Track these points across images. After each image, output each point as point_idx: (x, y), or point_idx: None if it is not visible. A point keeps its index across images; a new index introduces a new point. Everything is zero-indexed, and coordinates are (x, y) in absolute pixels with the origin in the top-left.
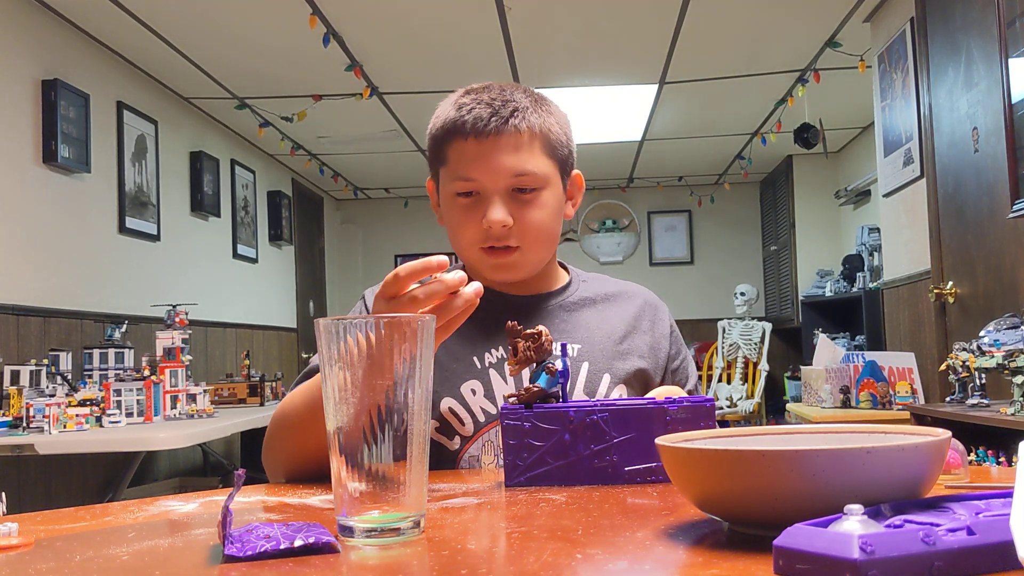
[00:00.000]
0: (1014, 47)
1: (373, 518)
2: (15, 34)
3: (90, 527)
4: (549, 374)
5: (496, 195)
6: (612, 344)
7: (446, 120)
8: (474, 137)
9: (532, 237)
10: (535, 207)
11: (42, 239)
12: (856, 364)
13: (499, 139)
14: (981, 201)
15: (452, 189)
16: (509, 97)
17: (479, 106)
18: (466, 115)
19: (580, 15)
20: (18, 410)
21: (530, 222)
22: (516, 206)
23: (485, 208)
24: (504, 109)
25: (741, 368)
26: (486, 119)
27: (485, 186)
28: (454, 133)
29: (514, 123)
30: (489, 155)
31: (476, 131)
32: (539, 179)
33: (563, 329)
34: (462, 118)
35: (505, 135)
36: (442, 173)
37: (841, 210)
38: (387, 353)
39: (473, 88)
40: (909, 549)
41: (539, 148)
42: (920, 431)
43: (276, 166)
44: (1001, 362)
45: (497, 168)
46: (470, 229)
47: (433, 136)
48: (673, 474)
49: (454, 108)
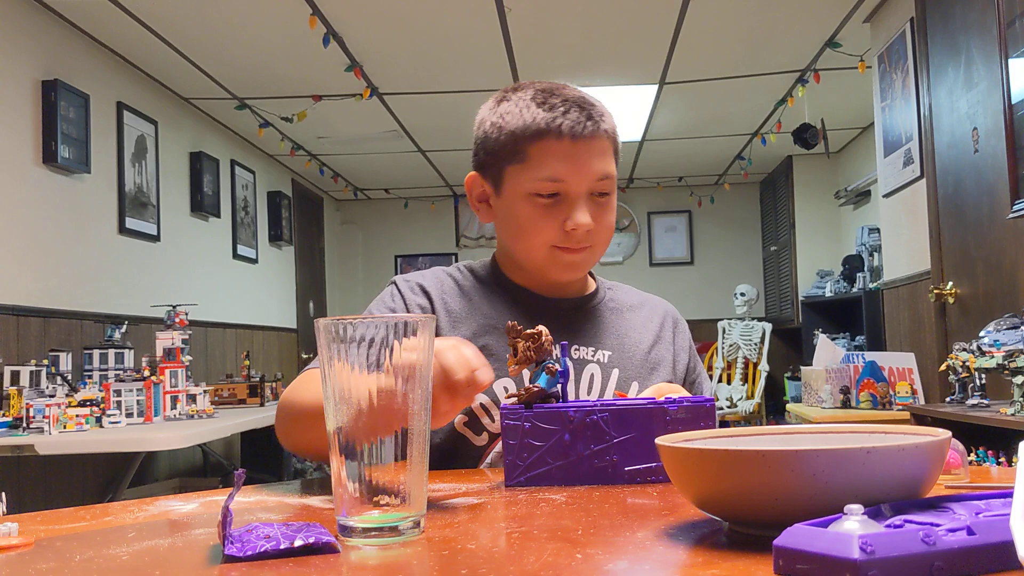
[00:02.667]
0: (1014, 47)
1: (373, 518)
2: (15, 34)
3: (90, 527)
4: (549, 374)
5: (581, 198)
6: (641, 353)
7: (535, 118)
8: (570, 139)
9: (603, 239)
10: (608, 210)
11: (42, 239)
12: (856, 364)
13: (592, 142)
14: (981, 201)
15: (531, 188)
16: (591, 100)
17: (572, 108)
18: (561, 116)
19: (580, 15)
20: (18, 410)
21: (605, 225)
22: (594, 209)
23: (568, 210)
24: (594, 112)
25: (741, 368)
26: (583, 122)
27: (572, 188)
28: (546, 133)
29: (603, 127)
30: (581, 157)
31: (573, 133)
32: (613, 183)
33: (594, 334)
34: (557, 119)
35: (596, 139)
36: (513, 171)
37: (841, 210)
38: (387, 353)
39: (545, 87)
40: (909, 549)
41: (612, 152)
42: (920, 431)
43: (276, 166)
44: (1001, 362)
45: (588, 171)
46: (547, 229)
47: (511, 132)
48: (673, 474)
49: (541, 107)
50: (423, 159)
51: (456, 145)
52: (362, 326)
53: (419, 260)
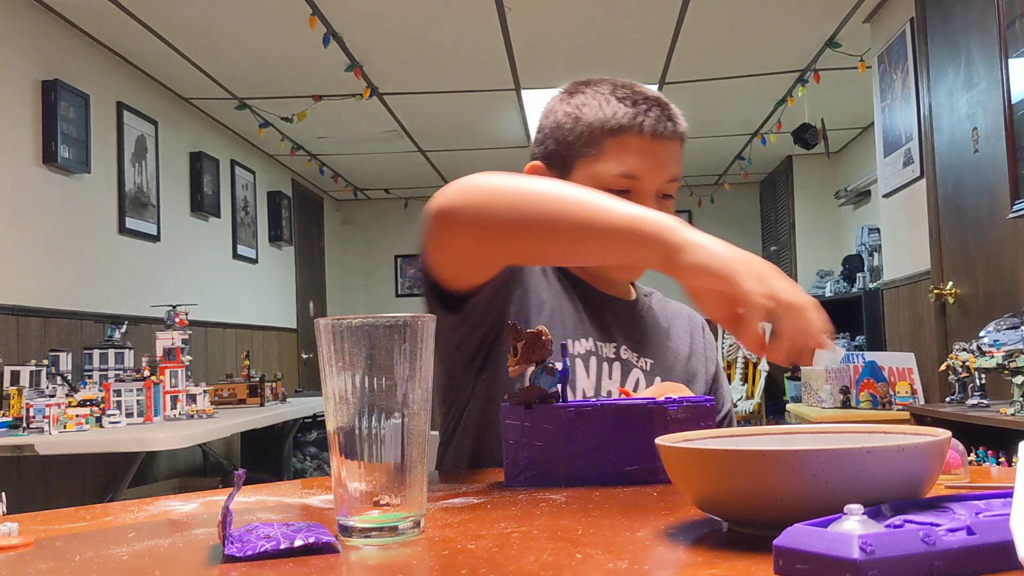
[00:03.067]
0: (1014, 47)
1: (373, 518)
2: (15, 34)
3: (90, 527)
4: (549, 374)
5: (651, 197)
6: (681, 365)
7: (616, 112)
8: (650, 137)
9: None
10: (670, 208)
11: (42, 239)
12: (856, 364)
13: (670, 143)
14: (981, 201)
15: (603, 183)
16: (667, 100)
17: (654, 106)
18: (643, 114)
19: (580, 15)
20: (18, 410)
21: None
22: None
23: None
24: (672, 112)
25: (741, 368)
26: (664, 121)
27: (644, 186)
28: (628, 128)
29: (680, 130)
30: (659, 156)
31: (654, 131)
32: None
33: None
34: (639, 116)
35: (673, 140)
36: (584, 163)
37: (841, 210)
38: (387, 353)
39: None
40: (909, 549)
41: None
42: (920, 431)
43: (276, 166)
44: (1001, 362)
45: (662, 170)
46: None
47: (590, 124)
48: (673, 474)
49: (622, 102)
50: (423, 159)
51: (456, 145)
52: (362, 326)
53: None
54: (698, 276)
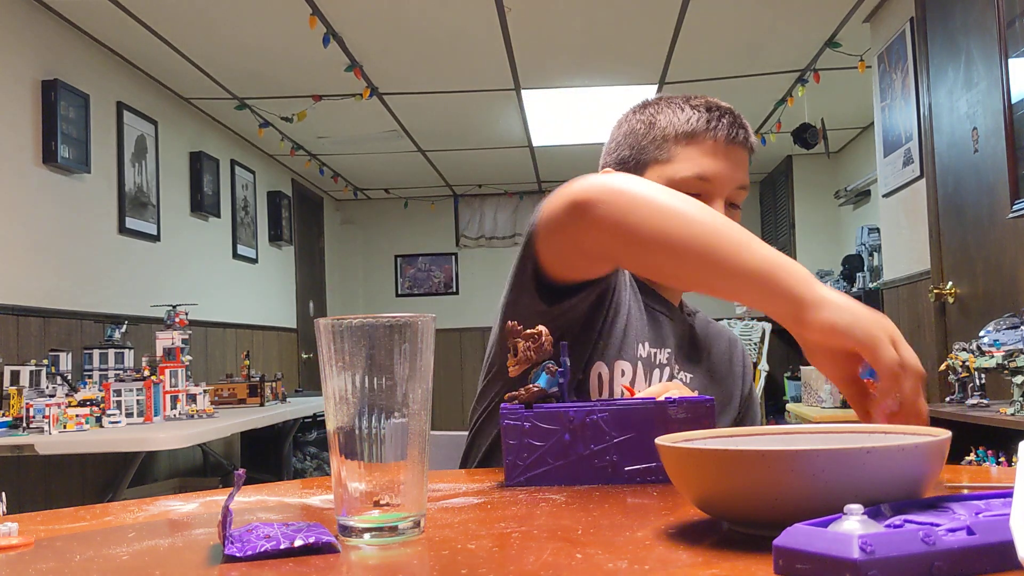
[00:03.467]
0: (1014, 47)
1: (373, 518)
2: (15, 34)
3: (90, 527)
4: (549, 374)
5: (721, 200)
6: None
7: (690, 119)
8: (724, 142)
9: None
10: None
11: (42, 239)
12: None
13: (741, 151)
14: (981, 201)
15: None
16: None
17: (726, 114)
18: (716, 120)
19: (580, 15)
20: (18, 410)
21: None
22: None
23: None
24: (744, 122)
25: None
26: (736, 128)
27: (715, 189)
28: (703, 133)
29: (750, 141)
30: (730, 160)
31: (729, 137)
32: (744, 196)
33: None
34: (713, 122)
35: (744, 149)
36: (655, 168)
37: (841, 210)
38: (387, 353)
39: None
40: (909, 549)
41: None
42: (920, 431)
43: (276, 166)
44: (1001, 362)
45: (733, 175)
46: None
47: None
48: (673, 474)
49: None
50: (423, 159)
51: (456, 145)
52: (362, 326)
53: (419, 260)
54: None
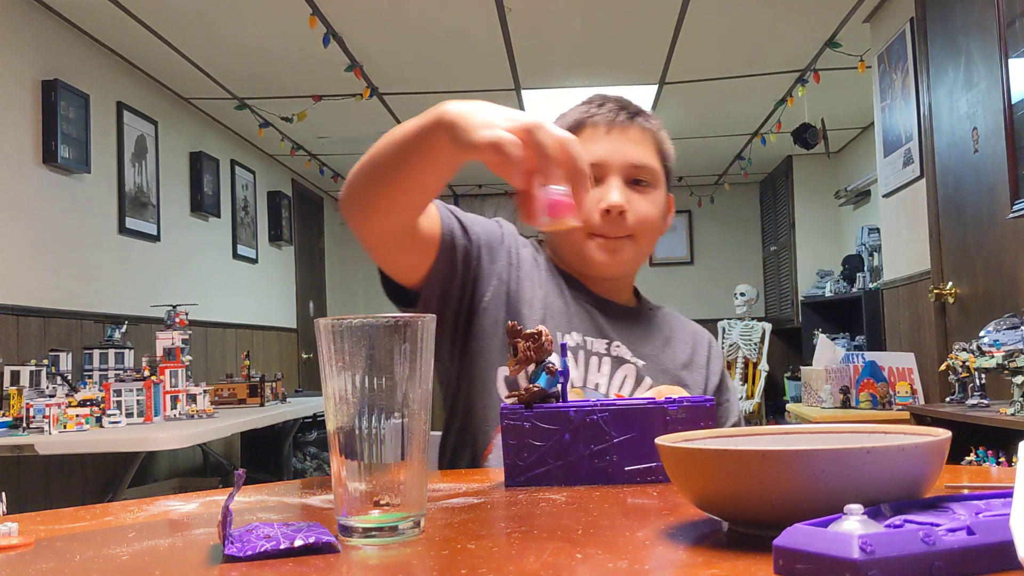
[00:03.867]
0: (1014, 47)
1: (373, 518)
2: (15, 34)
3: (90, 527)
4: (549, 374)
5: (614, 177)
6: (674, 371)
7: (576, 116)
8: (605, 126)
9: (644, 228)
10: (647, 201)
11: (42, 239)
12: (856, 364)
13: (627, 130)
14: (981, 201)
15: None
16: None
17: (610, 102)
18: (596, 109)
19: (580, 15)
20: (18, 410)
21: (644, 213)
22: (632, 195)
23: (602, 193)
24: (631, 108)
25: (741, 368)
26: (616, 111)
27: (606, 170)
28: (584, 124)
29: (640, 121)
30: (616, 141)
31: (608, 121)
32: (654, 176)
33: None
34: (591, 112)
35: (632, 128)
36: None
37: (841, 210)
38: (387, 353)
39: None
40: (909, 549)
41: (654, 149)
42: (920, 431)
43: (276, 166)
44: (1001, 362)
45: (621, 154)
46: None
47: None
48: (673, 474)
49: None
50: None
51: None
52: (362, 326)
53: None
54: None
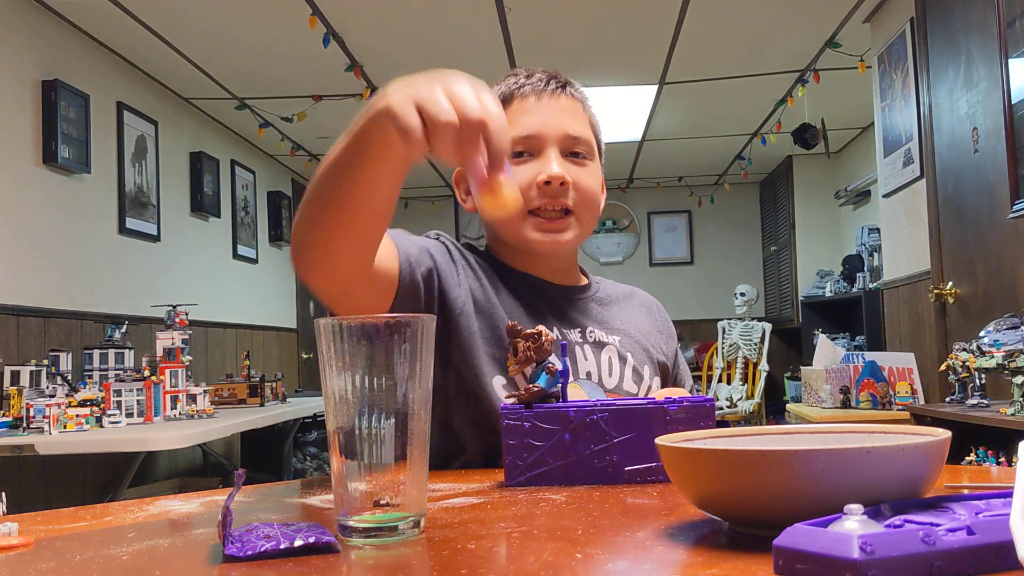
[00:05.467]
0: (1014, 47)
1: (373, 518)
2: (15, 34)
3: (90, 527)
4: (549, 374)
5: (552, 148)
6: (644, 338)
7: (504, 89)
8: (534, 97)
9: (585, 202)
10: (587, 172)
11: (42, 240)
12: (856, 364)
13: (558, 99)
14: (981, 201)
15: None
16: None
17: (536, 74)
18: (524, 80)
19: (580, 15)
20: (18, 410)
21: (584, 185)
22: (570, 167)
23: (541, 164)
24: (560, 78)
25: (741, 368)
26: (546, 80)
27: (543, 141)
28: (512, 97)
29: (570, 91)
30: (549, 110)
31: (537, 91)
32: (589, 148)
33: (600, 320)
34: (520, 82)
35: (564, 98)
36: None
37: (841, 210)
38: (387, 353)
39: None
40: (909, 549)
41: (587, 120)
42: (920, 431)
43: (276, 166)
44: (1001, 362)
45: (556, 122)
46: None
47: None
48: (673, 474)
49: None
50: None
51: None
52: (362, 326)
53: None
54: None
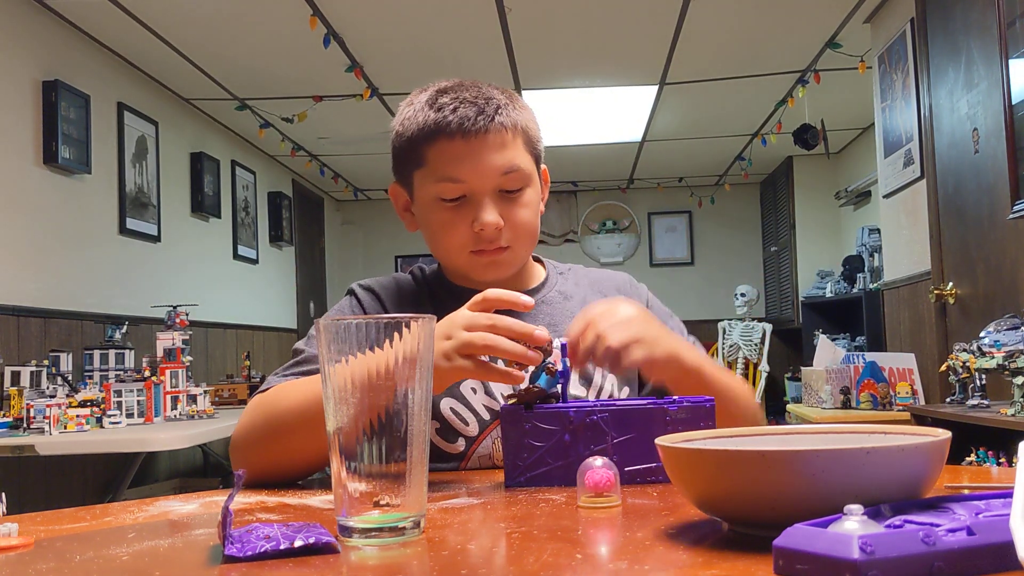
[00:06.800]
0: (1014, 48)
1: (373, 518)
2: (15, 35)
3: (90, 527)
4: (549, 374)
5: (486, 196)
6: None
7: (426, 121)
8: (461, 137)
9: (521, 236)
10: (522, 206)
11: (43, 240)
12: (856, 365)
13: (487, 137)
14: (981, 202)
15: (435, 192)
16: (489, 95)
17: (462, 105)
18: (450, 115)
19: (580, 15)
20: (19, 411)
21: (519, 221)
22: (504, 206)
23: (475, 211)
24: (488, 107)
25: (741, 369)
26: (473, 117)
27: (474, 187)
28: (437, 134)
29: (499, 120)
30: (478, 154)
31: (464, 131)
32: (524, 176)
33: (548, 323)
34: (446, 118)
35: (492, 133)
36: (418, 176)
37: (841, 211)
38: (387, 353)
39: (444, 87)
40: (909, 549)
41: (521, 144)
42: (920, 431)
43: (276, 167)
44: (1001, 363)
45: (487, 167)
46: (458, 233)
47: (409, 138)
48: (673, 474)
49: (431, 108)
50: None
51: None
52: (362, 326)
53: (419, 260)
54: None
